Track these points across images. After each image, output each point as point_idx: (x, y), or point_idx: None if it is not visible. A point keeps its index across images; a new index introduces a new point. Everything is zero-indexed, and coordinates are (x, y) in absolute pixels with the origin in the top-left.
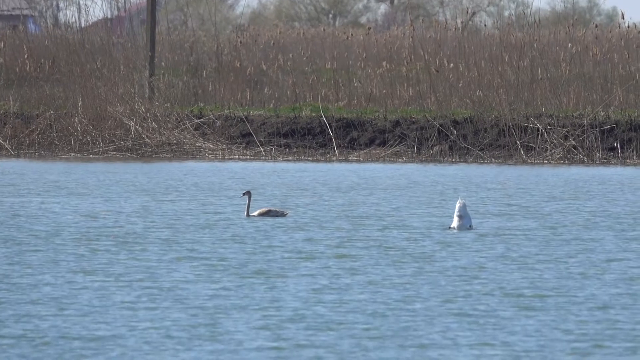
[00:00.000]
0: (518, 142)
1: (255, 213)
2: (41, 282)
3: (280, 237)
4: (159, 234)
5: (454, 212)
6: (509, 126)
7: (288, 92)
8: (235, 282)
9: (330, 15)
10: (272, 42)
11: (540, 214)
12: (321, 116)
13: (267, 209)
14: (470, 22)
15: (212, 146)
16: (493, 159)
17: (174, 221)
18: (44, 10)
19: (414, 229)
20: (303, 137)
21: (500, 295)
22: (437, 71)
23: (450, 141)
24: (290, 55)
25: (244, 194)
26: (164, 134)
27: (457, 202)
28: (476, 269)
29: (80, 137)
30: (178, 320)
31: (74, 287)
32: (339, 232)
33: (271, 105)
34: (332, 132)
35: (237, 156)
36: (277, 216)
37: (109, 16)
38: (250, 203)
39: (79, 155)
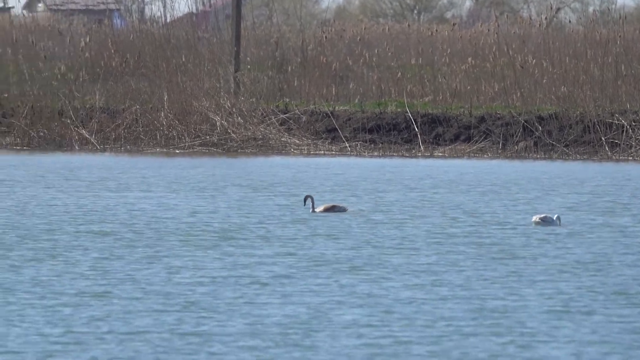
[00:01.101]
0: (603, 139)
1: (321, 208)
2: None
3: (376, 232)
4: (255, 229)
5: (544, 211)
6: (594, 122)
7: (373, 88)
8: (334, 277)
9: (415, 11)
10: (357, 38)
11: (634, 212)
12: (406, 112)
13: (331, 205)
14: (554, 19)
15: (297, 141)
16: (578, 155)
17: (265, 216)
18: (130, 4)
19: (505, 225)
20: (388, 133)
21: (604, 292)
22: (522, 67)
23: (535, 137)
24: (376, 50)
25: (306, 198)
26: (250, 129)
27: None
28: (573, 265)
29: (166, 131)
30: (296, 316)
31: (182, 283)
32: (432, 227)
33: (356, 100)
34: (417, 127)
35: (322, 151)
36: (340, 212)
37: (194, 11)
38: (314, 202)
39: (164, 150)
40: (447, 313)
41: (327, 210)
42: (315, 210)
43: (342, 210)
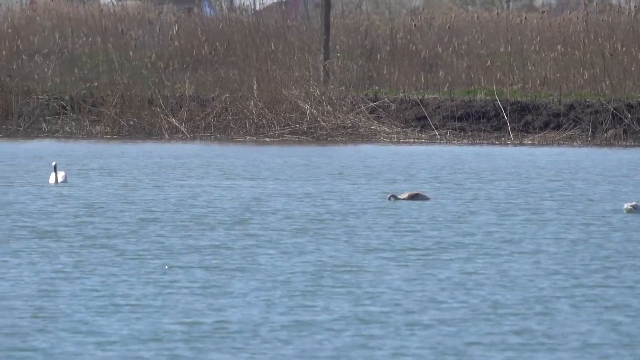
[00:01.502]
0: None
1: (405, 195)
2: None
3: (473, 221)
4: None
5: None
6: None
7: (463, 76)
8: (424, 266)
9: None
10: (446, 26)
11: None
12: (496, 100)
13: (415, 192)
14: None
15: (387, 129)
16: None
17: (358, 204)
18: None
19: (600, 212)
20: (477, 121)
21: None
22: (611, 55)
23: (625, 125)
24: (465, 38)
25: (389, 197)
26: (339, 117)
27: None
28: None
29: (255, 120)
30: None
31: (284, 271)
32: (524, 215)
33: (446, 88)
34: (506, 115)
35: (412, 139)
36: (423, 199)
37: None
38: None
39: (254, 139)
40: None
41: (411, 197)
42: (399, 197)
43: (424, 198)
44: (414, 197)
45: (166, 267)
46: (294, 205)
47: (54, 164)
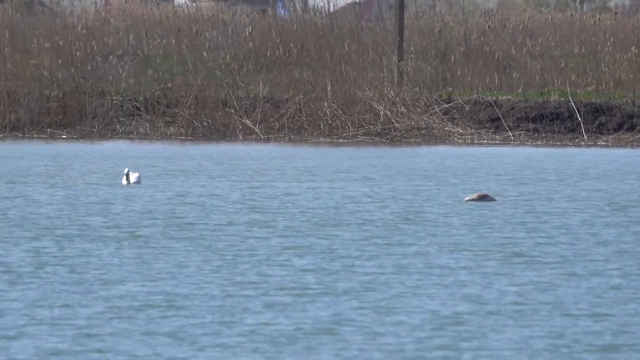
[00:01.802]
0: None
1: (474, 196)
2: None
3: (555, 221)
4: (432, 217)
5: None
6: None
7: (536, 77)
8: (499, 267)
9: (578, 0)
10: (520, 27)
11: None
12: (569, 101)
13: (483, 194)
14: None
15: (460, 130)
16: None
17: (436, 205)
18: None
19: None
20: (551, 122)
21: None
22: None
23: None
24: (539, 40)
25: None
26: (413, 118)
27: None
28: None
29: (329, 121)
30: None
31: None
32: (603, 218)
33: (519, 89)
34: (580, 117)
35: (485, 141)
36: (490, 201)
37: (357, 0)
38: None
39: (328, 140)
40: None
41: (480, 198)
42: (469, 198)
43: (492, 200)
44: (482, 198)
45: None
46: (376, 207)
47: (126, 170)
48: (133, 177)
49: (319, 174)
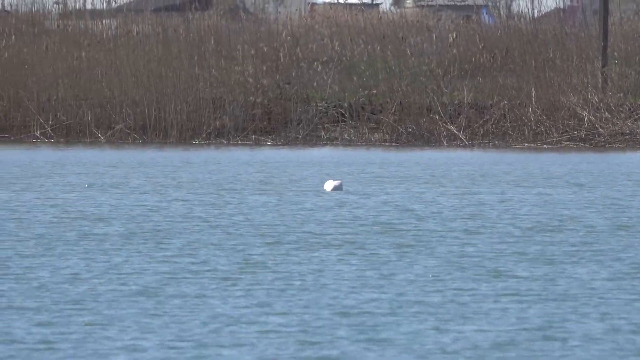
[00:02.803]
0: None
1: None
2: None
3: None
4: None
5: None
6: None
7: None
8: None
9: None
10: None
11: None
12: None
13: None
14: None
15: None
16: None
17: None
18: (498, 0)
19: None
20: None
21: None
22: None
23: None
24: None
25: None
26: (617, 123)
27: None
28: None
29: (533, 127)
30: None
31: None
32: None
33: None
34: None
35: None
36: None
37: (562, 6)
38: None
39: (532, 146)
40: None
41: None
42: None
43: None
44: None
45: None
46: (592, 212)
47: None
48: (333, 184)
49: (526, 179)
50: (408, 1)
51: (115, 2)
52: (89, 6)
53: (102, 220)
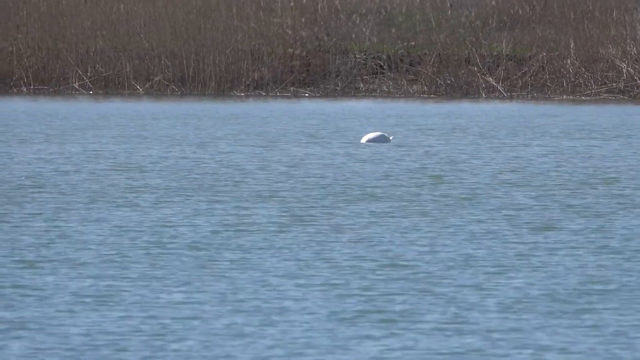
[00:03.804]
0: None
1: None
2: None
3: None
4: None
5: None
6: None
7: None
8: None
9: None
10: None
11: None
12: None
13: None
14: None
15: None
16: None
17: None
18: None
19: None
20: None
21: None
22: None
23: None
24: None
25: None
26: None
27: None
28: None
29: (572, 79)
30: None
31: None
32: None
33: None
34: None
35: None
36: None
37: None
38: None
39: (570, 97)
40: None
41: None
42: None
43: None
44: None
45: None
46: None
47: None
48: (372, 135)
49: (571, 132)
50: None
51: None
52: None
53: (146, 172)
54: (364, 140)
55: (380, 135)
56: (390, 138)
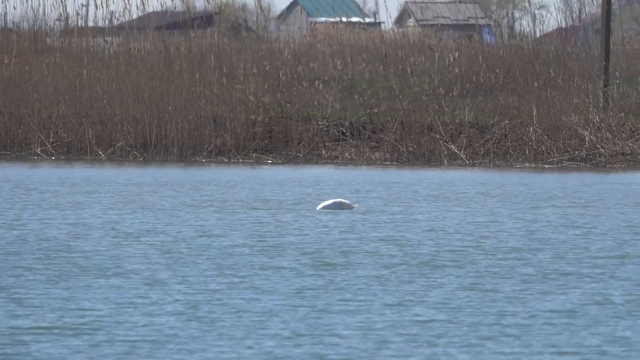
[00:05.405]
0: None
1: None
2: None
3: None
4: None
5: None
6: None
7: None
8: None
9: None
10: None
11: None
12: None
13: None
14: None
15: None
16: None
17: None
18: (500, 19)
19: None
20: None
21: None
22: None
23: None
24: None
25: None
26: (618, 144)
27: None
28: None
29: (534, 146)
30: None
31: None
32: None
33: None
34: None
35: None
36: None
37: (563, 26)
38: None
39: (532, 165)
40: None
41: None
42: None
43: None
44: None
45: None
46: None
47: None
48: (328, 202)
49: (533, 199)
50: (410, 20)
51: (117, 20)
52: (91, 24)
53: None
54: (319, 207)
55: (335, 202)
56: (354, 205)
